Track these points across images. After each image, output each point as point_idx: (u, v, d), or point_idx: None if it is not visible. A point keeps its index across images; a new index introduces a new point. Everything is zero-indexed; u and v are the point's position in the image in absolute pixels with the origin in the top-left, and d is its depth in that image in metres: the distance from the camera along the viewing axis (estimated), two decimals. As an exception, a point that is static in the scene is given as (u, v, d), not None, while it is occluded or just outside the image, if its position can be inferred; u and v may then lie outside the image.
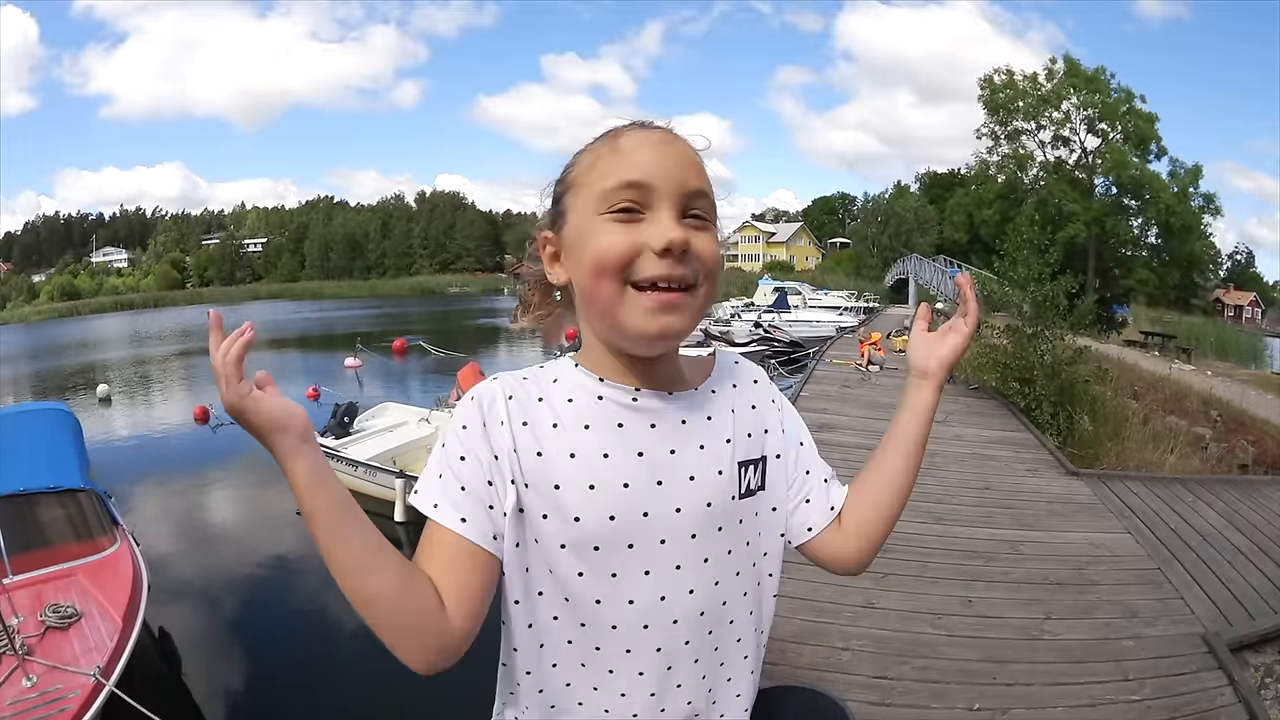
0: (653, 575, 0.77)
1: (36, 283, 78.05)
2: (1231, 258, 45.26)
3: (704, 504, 0.79)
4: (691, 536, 0.79)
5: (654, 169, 0.73)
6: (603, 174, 0.74)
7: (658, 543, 0.77)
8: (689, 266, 0.73)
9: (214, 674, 4.66)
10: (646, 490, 0.77)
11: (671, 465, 0.78)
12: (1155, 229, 30.76)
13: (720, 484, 0.81)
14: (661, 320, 0.73)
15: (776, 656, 3.01)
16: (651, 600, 0.78)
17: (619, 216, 0.73)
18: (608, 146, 0.76)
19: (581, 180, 0.77)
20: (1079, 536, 4.55)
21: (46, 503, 4.39)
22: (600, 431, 0.78)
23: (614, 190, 0.73)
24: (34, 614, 3.56)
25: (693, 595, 0.79)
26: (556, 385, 0.81)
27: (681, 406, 0.82)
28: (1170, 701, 2.74)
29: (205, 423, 11.55)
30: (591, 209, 0.74)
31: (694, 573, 0.79)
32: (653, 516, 0.77)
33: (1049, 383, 8.19)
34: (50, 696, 3.02)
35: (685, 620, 0.79)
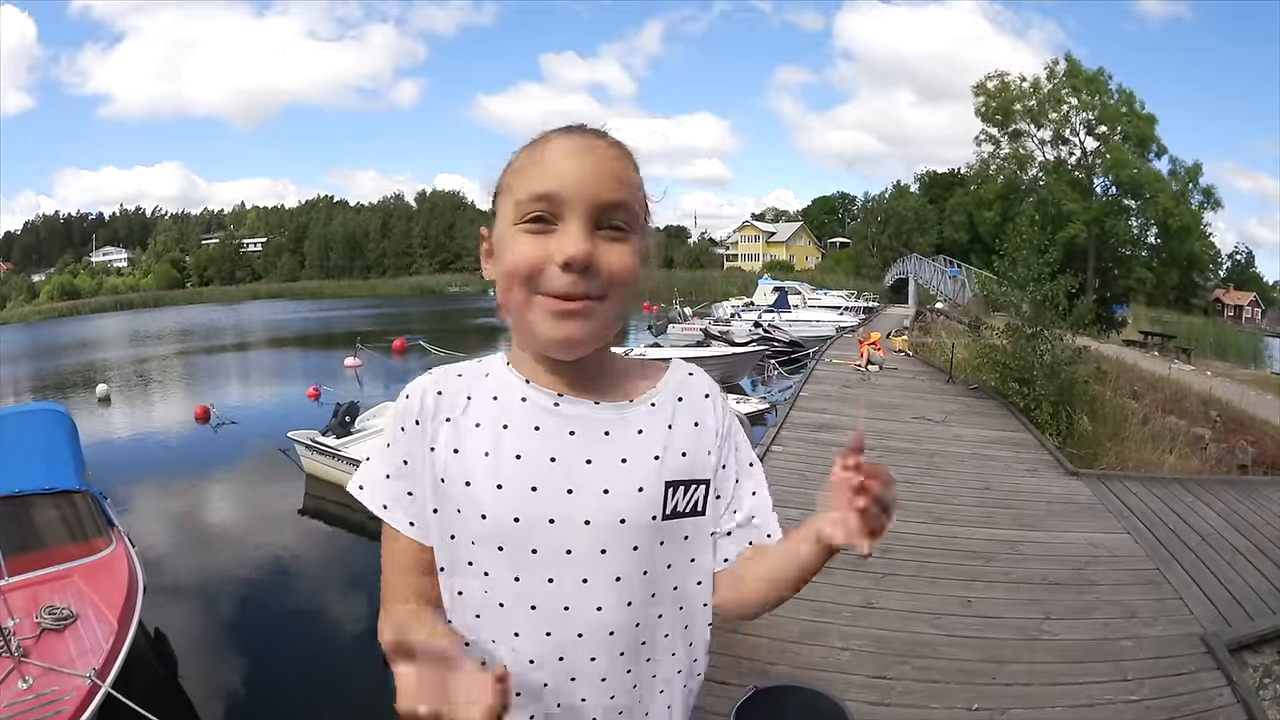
0: (556, 584, 0.76)
1: (36, 282, 77.99)
2: (1231, 258, 45.27)
3: (617, 520, 0.77)
4: (601, 551, 0.76)
5: (567, 181, 0.72)
6: (523, 182, 0.74)
7: (562, 552, 0.76)
8: (593, 281, 0.72)
9: (210, 675, 4.65)
10: (554, 496, 0.76)
11: (585, 475, 0.77)
12: (1155, 229, 30.77)
13: (639, 501, 0.78)
14: (566, 328, 0.73)
15: (776, 656, 3.01)
16: (554, 609, 0.76)
17: (530, 228, 0.73)
18: (534, 152, 0.76)
19: (509, 184, 0.77)
20: (1078, 537, 4.55)
21: (42, 504, 4.37)
22: (517, 432, 0.78)
23: (527, 202, 0.73)
24: (30, 616, 3.54)
25: (601, 613, 0.77)
26: (487, 380, 0.82)
27: (609, 417, 0.80)
28: (1169, 702, 2.74)
29: (206, 422, 11.52)
30: (510, 216, 0.75)
31: (603, 590, 0.77)
32: (559, 524, 0.75)
33: (1048, 383, 8.18)
34: (46, 699, 3.01)
35: (591, 636, 0.77)
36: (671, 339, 18.69)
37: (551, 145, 0.75)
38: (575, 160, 0.74)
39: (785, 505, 3.43)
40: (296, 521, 7.38)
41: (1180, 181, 29.77)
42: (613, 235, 0.74)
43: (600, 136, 0.77)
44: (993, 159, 33.69)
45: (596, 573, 0.77)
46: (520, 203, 0.73)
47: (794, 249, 62.92)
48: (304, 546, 6.81)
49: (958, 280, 23.51)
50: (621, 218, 0.75)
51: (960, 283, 22.97)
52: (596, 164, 0.75)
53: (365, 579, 5.52)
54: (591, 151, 0.75)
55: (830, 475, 0.70)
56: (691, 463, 0.82)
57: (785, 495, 5.77)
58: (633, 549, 0.77)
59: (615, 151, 0.77)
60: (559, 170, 0.73)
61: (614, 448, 0.78)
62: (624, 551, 0.77)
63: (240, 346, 26.69)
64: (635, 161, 0.80)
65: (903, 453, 6.47)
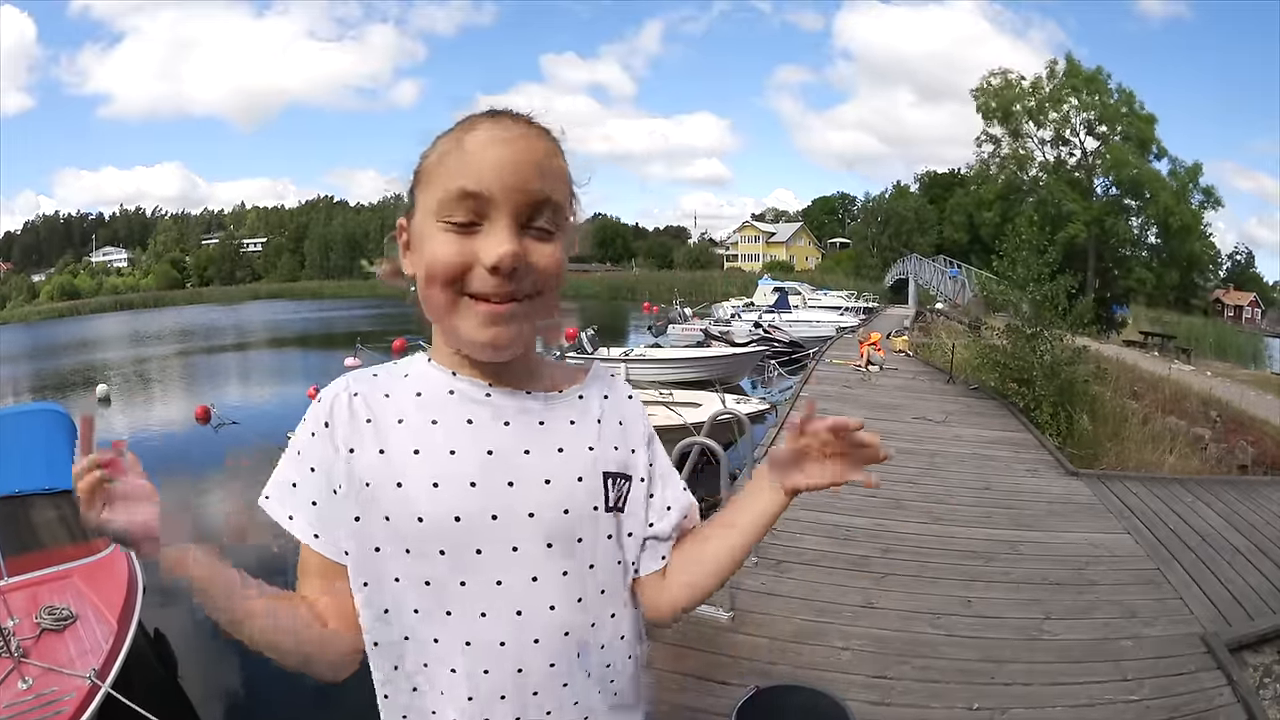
0: (505, 586, 0.72)
1: (36, 282, 78.07)
2: (1231, 258, 45.27)
3: (560, 510, 0.74)
4: (548, 545, 0.73)
5: (493, 178, 0.68)
6: (445, 175, 0.70)
7: (509, 550, 0.72)
8: (523, 281, 0.69)
9: (210, 676, 4.64)
10: (496, 491, 0.72)
11: (525, 466, 0.73)
12: (1155, 229, 30.78)
13: (580, 491, 0.76)
14: (492, 332, 0.70)
15: (776, 656, 3.01)
16: (507, 614, 0.72)
17: (453, 227, 0.69)
18: (456, 140, 0.71)
19: (429, 175, 0.72)
20: (1078, 537, 4.55)
21: (41, 504, 4.37)
22: (448, 427, 0.74)
23: (451, 199, 0.69)
24: (29, 616, 3.54)
25: (554, 612, 0.73)
26: (407, 380, 0.77)
27: (540, 406, 0.77)
28: (1169, 701, 2.74)
29: (207, 422, 11.53)
30: (431, 212, 0.70)
31: (553, 587, 0.73)
32: (502, 520, 0.72)
33: (1048, 383, 8.18)
34: (46, 699, 3.00)
35: (548, 640, 0.73)
36: (672, 339, 18.70)
37: (476, 135, 0.70)
38: (501, 153, 0.69)
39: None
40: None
41: (1180, 181, 29.79)
42: (540, 234, 0.71)
43: (528, 124, 0.73)
44: (993, 158, 33.70)
45: (545, 569, 0.73)
46: (443, 199, 0.69)
47: (794, 249, 63.01)
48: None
49: (958, 281, 23.52)
50: (549, 215, 0.71)
51: (960, 283, 22.98)
52: (524, 157, 0.70)
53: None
54: (519, 143, 0.71)
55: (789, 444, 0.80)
56: (622, 457, 0.81)
57: (785, 495, 5.70)
58: (577, 541, 0.75)
59: (543, 142, 0.73)
60: (485, 165, 0.68)
61: (550, 437, 0.76)
62: (569, 544, 0.74)
63: (240, 347, 26.68)
64: (562, 148, 0.76)
65: (903, 453, 6.47)
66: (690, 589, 0.85)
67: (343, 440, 0.73)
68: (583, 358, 13.14)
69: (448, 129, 0.74)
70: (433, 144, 0.74)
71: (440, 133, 0.75)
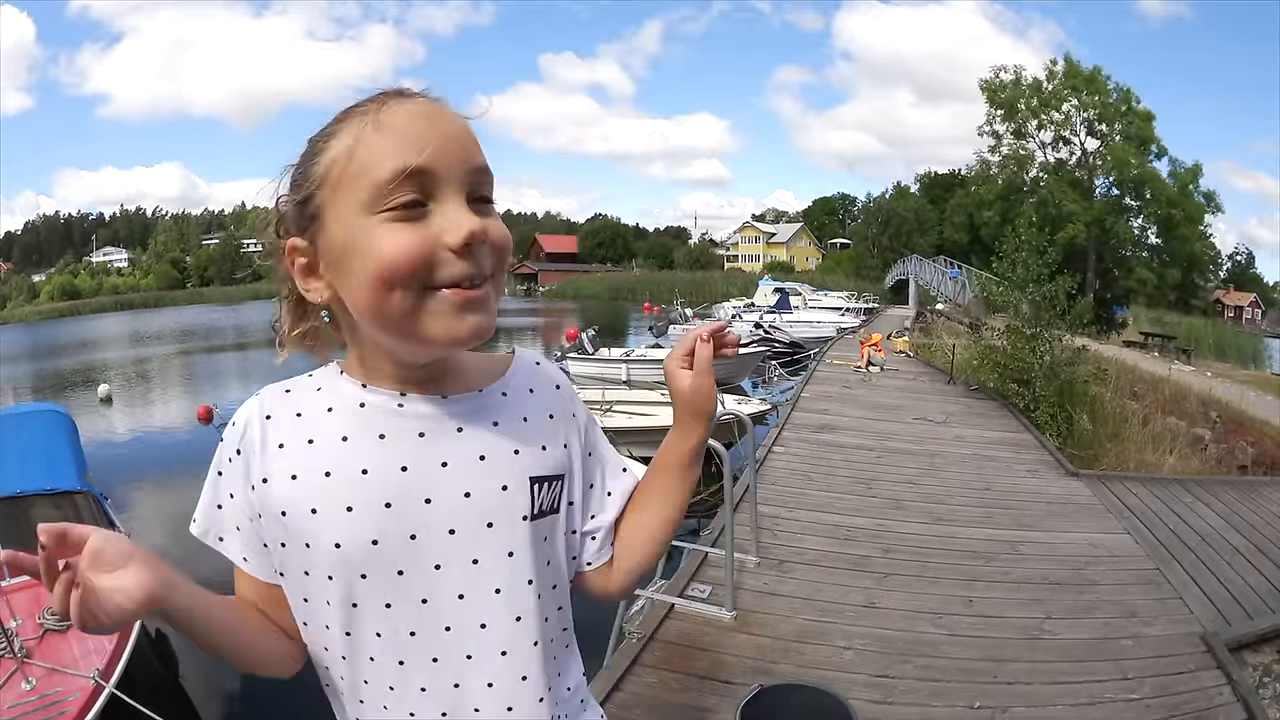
0: (432, 604, 0.68)
1: (37, 282, 78.09)
2: (1231, 258, 45.33)
3: (484, 524, 0.69)
4: (473, 562, 0.69)
5: (434, 150, 0.61)
6: (368, 162, 0.61)
7: (431, 568, 0.67)
8: (485, 260, 0.63)
9: (211, 676, 4.64)
10: (412, 509, 0.67)
11: (442, 480, 0.68)
12: (1155, 229, 30.78)
13: (504, 501, 0.70)
14: (472, 320, 0.63)
15: (779, 655, 3.02)
16: (436, 631, 0.68)
17: (400, 214, 0.60)
18: (366, 125, 0.62)
19: (339, 173, 0.62)
20: (1078, 537, 4.56)
21: (43, 505, 4.38)
22: (359, 445, 0.68)
23: (389, 183, 0.60)
24: (32, 617, 3.55)
25: (486, 630, 0.70)
26: (319, 395, 0.71)
27: (459, 411, 0.71)
28: (1169, 700, 2.74)
29: (209, 422, 11.53)
30: (360, 208, 0.61)
31: (483, 604, 0.69)
32: (421, 540, 0.67)
33: (1048, 384, 8.20)
34: (50, 699, 3.02)
35: (482, 657, 0.70)
36: (672, 340, 18.69)
37: (395, 111, 0.62)
38: (435, 124, 0.63)
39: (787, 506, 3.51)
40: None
41: (1181, 181, 29.79)
42: (484, 206, 0.65)
43: (435, 99, 0.66)
44: (994, 153, 33.67)
45: (472, 586, 0.69)
46: (381, 185, 0.60)
47: (794, 250, 63.03)
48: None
49: (958, 281, 23.53)
50: (489, 184, 0.66)
51: (960, 284, 22.99)
52: (458, 126, 0.65)
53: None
54: (446, 113, 0.65)
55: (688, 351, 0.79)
56: (553, 457, 0.75)
57: (788, 496, 5.72)
58: (508, 555, 0.70)
59: (458, 114, 0.66)
60: (422, 139, 0.61)
61: (469, 445, 0.70)
62: (499, 559, 0.70)
63: (241, 347, 26.69)
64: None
65: (904, 453, 6.49)
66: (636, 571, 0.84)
67: (256, 471, 0.69)
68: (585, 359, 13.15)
69: (327, 128, 0.66)
70: (319, 145, 0.65)
71: (315, 135, 0.67)
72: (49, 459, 4.80)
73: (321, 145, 0.65)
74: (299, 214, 0.67)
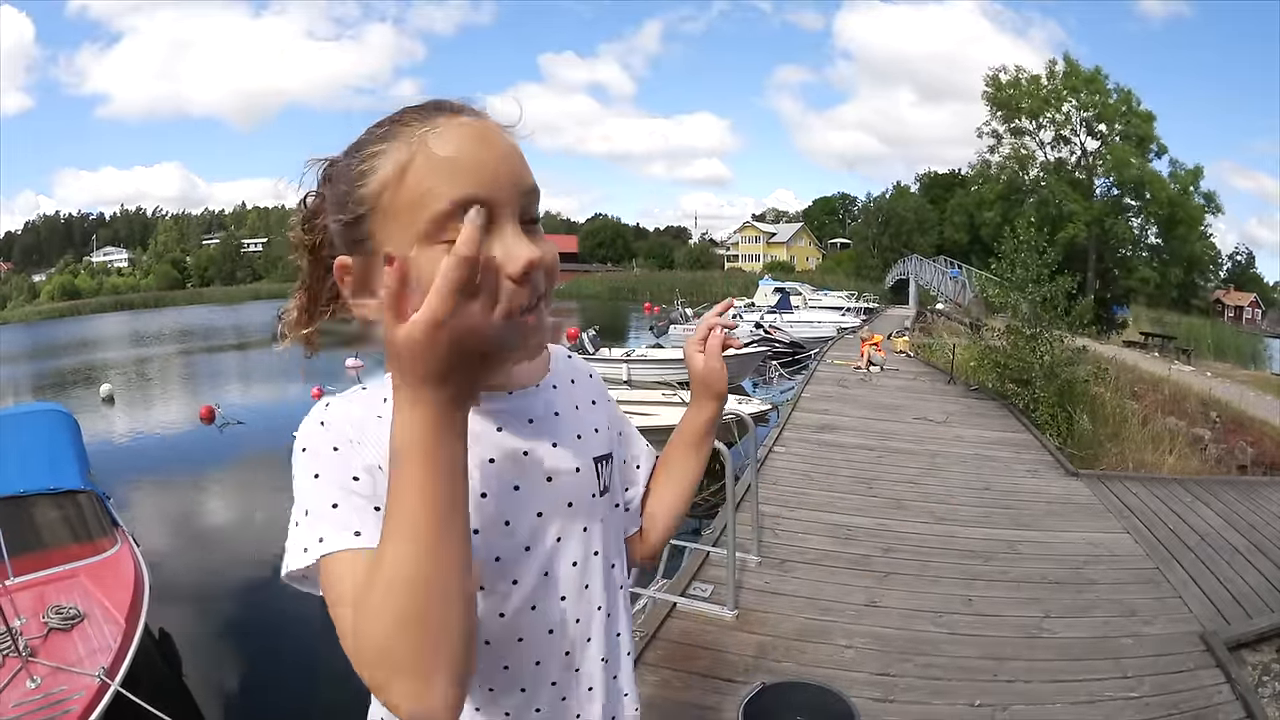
0: (520, 584, 0.71)
1: (37, 282, 78.09)
2: (1232, 258, 45.34)
3: (565, 504, 0.74)
4: (557, 540, 0.74)
5: (489, 177, 0.60)
6: (423, 191, 0.59)
7: (522, 550, 0.72)
8: (543, 280, 0.63)
9: (215, 675, 4.67)
10: (504, 497, 0.71)
11: (526, 468, 0.73)
12: (1155, 229, 30.76)
13: (579, 482, 0.76)
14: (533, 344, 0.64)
15: (781, 654, 3.04)
16: (522, 609, 0.72)
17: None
18: (417, 149, 0.61)
19: (391, 199, 0.61)
20: (1078, 536, 4.58)
21: (46, 504, 4.39)
22: None
23: (448, 214, 0.58)
24: (36, 615, 3.56)
25: (565, 603, 0.74)
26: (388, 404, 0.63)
27: (524, 405, 0.75)
28: (1168, 699, 2.76)
29: (211, 422, 11.56)
30: (417, 237, 0.59)
31: (563, 580, 0.74)
32: (514, 525, 0.71)
33: (1048, 384, 8.21)
34: (55, 698, 3.03)
35: (560, 631, 0.74)
36: (673, 339, 18.71)
37: (445, 134, 0.61)
38: (488, 147, 0.62)
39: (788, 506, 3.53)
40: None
41: (1182, 183, 29.78)
42: (533, 227, 0.64)
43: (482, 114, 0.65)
44: (994, 153, 33.64)
45: (557, 564, 0.74)
46: (439, 217, 0.58)
47: (794, 250, 63.02)
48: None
49: (958, 281, 23.55)
50: (537, 204, 0.66)
51: (961, 284, 23.01)
52: (508, 147, 0.64)
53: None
54: (496, 134, 0.64)
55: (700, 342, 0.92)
56: (604, 438, 0.82)
57: (789, 496, 5.72)
58: (582, 531, 0.76)
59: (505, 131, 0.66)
60: (476, 164, 0.60)
61: (541, 433, 0.75)
62: (576, 536, 0.76)
63: (242, 347, 26.71)
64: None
65: (904, 453, 6.50)
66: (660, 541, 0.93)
67: (367, 456, 0.66)
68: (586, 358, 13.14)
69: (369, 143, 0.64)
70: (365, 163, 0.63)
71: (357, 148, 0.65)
72: (52, 458, 4.80)
73: (367, 164, 0.63)
74: (347, 234, 0.66)
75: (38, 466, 4.64)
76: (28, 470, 4.55)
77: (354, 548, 0.60)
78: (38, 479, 4.50)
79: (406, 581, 0.52)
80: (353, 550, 0.60)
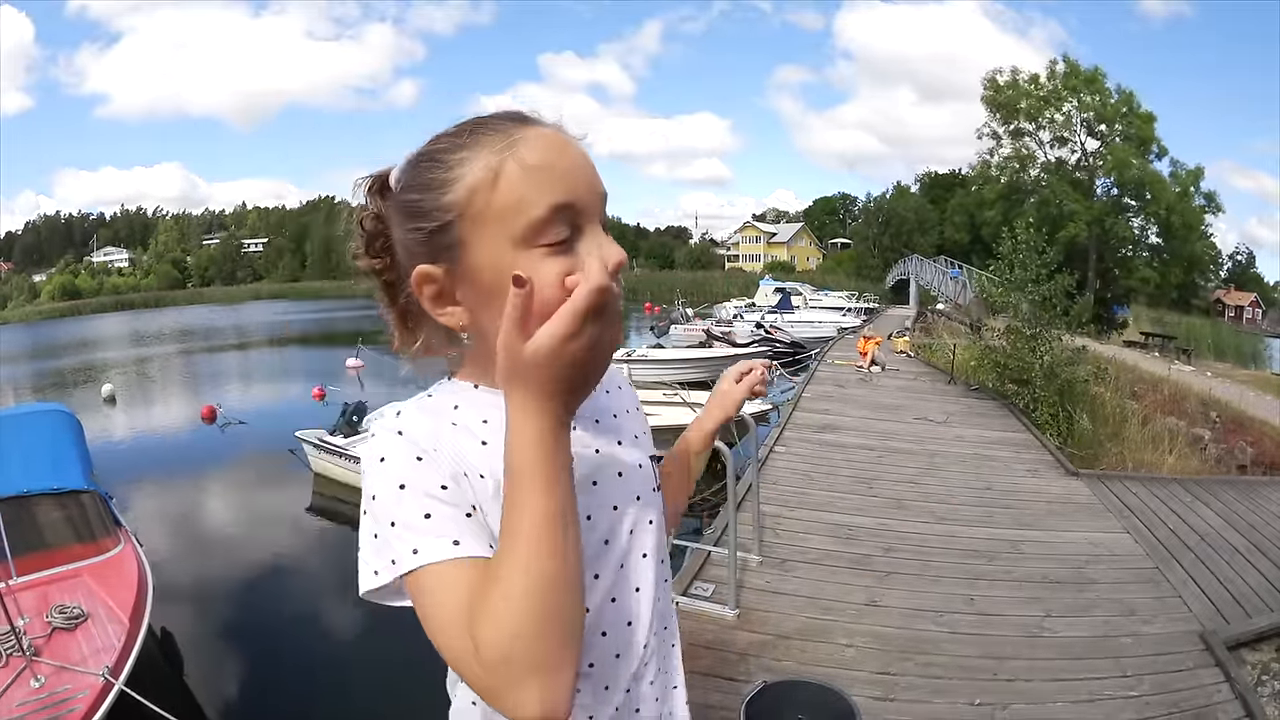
0: (602, 579, 0.74)
1: (37, 282, 78.11)
2: (1232, 258, 45.34)
3: (634, 497, 0.78)
4: (630, 533, 0.77)
5: (575, 183, 0.64)
6: (519, 196, 0.62)
7: (602, 544, 0.74)
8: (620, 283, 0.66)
9: (216, 674, 4.68)
10: (586, 493, 0.72)
11: (601, 464, 0.77)
12: (1156, 229, 30.75)
13: (643, 477, 0.81)
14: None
15: (781, 653, 3.05)
16: (604, 607, 0.74)
17: (552, 250, 0.62)
18: (507, 159, 0.63)
19: (484, 204, 0.63)
20: (1078, 536, 4.59)
21: (49, 504, 4.40)
22: None
23: (545, 220, 0.61)
24: (40, 615, 3.57)
25: (640, 593, 0.78)
26: (464, 410, 0.71)
27: (590, 406, 0.78)
28: (1168, 698, 2.77)
29: (212, 422, 11.58)
30: (514, 241, 0.62)
31: (638, 571, 0.78)
32: (595, 519, 0.74)
33: (1048, 384, 8.22)
34: (59, 697, 3.04)
35: (639, 620, 0.77)
36: (674, 339, 18.72)
37: (532, 143, 0.64)
38: (570, 155, 0.66)
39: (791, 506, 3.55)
40: (304, 520, 7.43)
41: (1182, 184, 29.78)
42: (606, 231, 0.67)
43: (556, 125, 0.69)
44: (994, 154, 33.63)
45: (630, 556, 0.77)
46: (537, 222, 0.61)
47: (795, 250, 63.03)
48: (312, 545, 6.85)
49: (958, 281, 23.56)
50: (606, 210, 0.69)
51: (961, 284, 23.02)
52: (582, 156, 0.67)
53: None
54: (572, 143, 0.67)
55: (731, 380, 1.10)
56: (648, 440, 0.87)
57: (790, 496, 5.72)
58: (649, 522, 0.80)
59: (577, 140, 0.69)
60: (568, 174, 0.64)
61: (608, 433, 0.80)
62: (646, 528, 0.79)
63: (243, 347, 26.74)
64: None
65: (905, 453, 6.51)
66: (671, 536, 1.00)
67: (451, 463, 0.65)
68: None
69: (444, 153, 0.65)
70: (445, 173, 0.65)
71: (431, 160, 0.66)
72: (55, 458, 4.81)
73: (451, 171, 0.64)
74: (430, 242, 0.66)
75: (41, 466, 4.65)
76: (31, 470, 4.56)
77: (457, 557, 0.60)
78: (41, 479, 4.51)
79: (544, 582, 0.54)
80: (456, 560, 0.60)
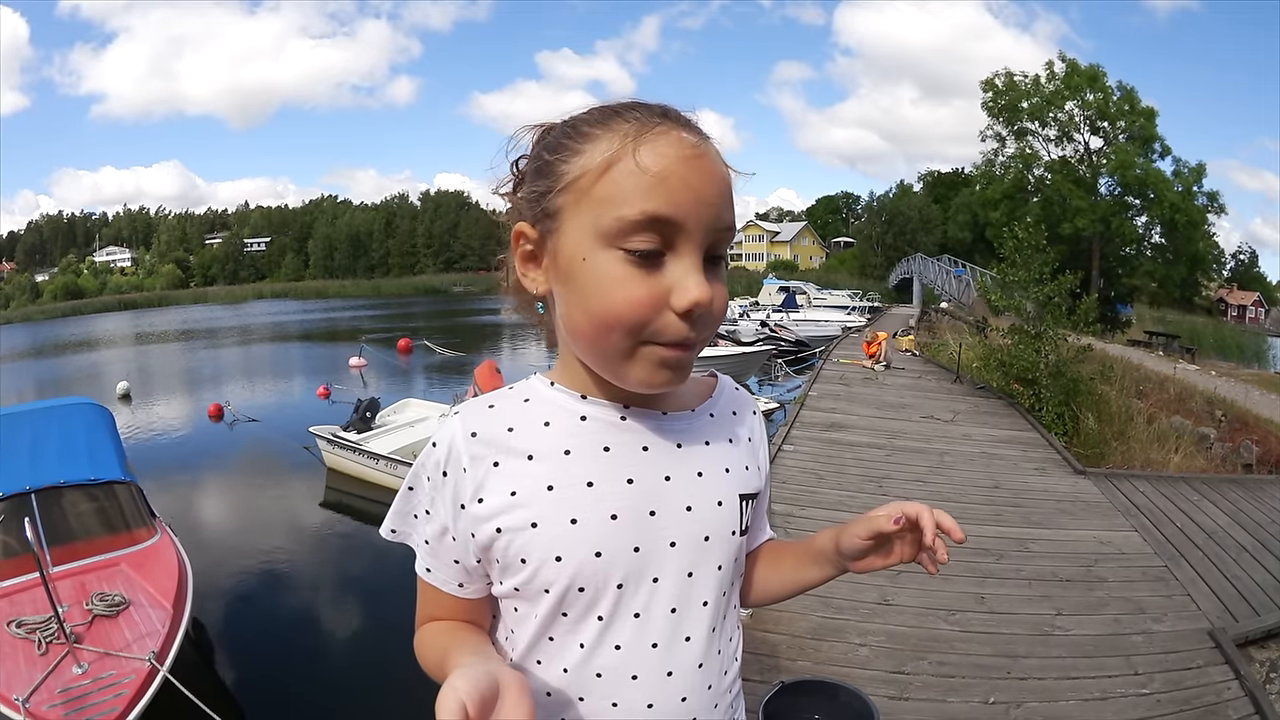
0: (644, 618, 0.68)
1: (40, 282, 78.24)
2: (1235, 257, 45.31)
3: (701, 538, 0.70)
4: (688, 575, 0.70)
5: (686, 201, 0.59)
6: (619, 192, 0.59)
7: (649, 581, 0.68)
8: (702, 325, 0.62)
9: (245, 665, 4.72)
10: (637, 522, 0.67)
11: (666, 493, 0.69)
12: (1160, 227, 30.71)
13: (720, 516, 0.72)
14: (666, 375, 0.64)
15: (796, 653, 3.10)
16: (643, 648, 0.68)
17: (637, 261, 0.60)
18: (628, 149, 0.60)
19: (587, 187, 0.61)
20: (1087, 534, 4.63)
21: (86, 495, 4.44)
22: (583, 457, 0.68)
23: (635, 224, 0.59)
24: (79, 603, 3.60)
25: (689, 644, 0.70)
26: (528, 407, 0.71)
27: (677, 428, 0.72)
28: (1178, 695, 2.82)
29: (220, 420, 11.65)
30: (599, 235, 0.60)
31: (692, 618, 0.70)
32: (644, 552, 0.68)
33: (1053, 383, 8.25)
34: (105, 682, 3.07)
35: (681, 674, 0.70)
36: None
37: (658, 145, 0.60)
38: (695, 171, 0.61)
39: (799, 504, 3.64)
40: (318, 514, 7.49)
41: (1184, 183, 29.74)
42: (716, 267, 0.64)
43: (705, 136, 0.64)
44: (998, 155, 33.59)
45: (684, 600, 0.70)
46: (626, 223, 0.59)
47: (798, 248, 63.01)
48: (326, 538, 6.92)
49: (962, 280, 23.56)
50: (729, 242, 0.64)
51: (965, 282, 23.02)
52: (715, 176, 0.62)
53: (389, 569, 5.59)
54: (708, 162, 0.62)
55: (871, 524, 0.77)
56: (753, 477, 0.78)
57: (799, 495, 5.76)
58: (717, 569, 0.72)
59: (722, 159, 0.64)
60: (677, 184, 0.59)
61: (689, 461, 0.72)
62: (709, 573, 0.71)
63: (246, 344, 26.80)
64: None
65: (913, 452, 6.55)
66: (758, 604, 0.89)
67: (467, 491, 0.68)
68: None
69: (583, 124, 0.64)
70: (573, 143, 0.63)
71: (570, 125, 0.65)
72: (91, 450, 4.83)
73: (576, 144, 0.63)
74: (535, 202, 0.65)
75: (77, 458, 4.68)
76: (67, 461, 4.60)
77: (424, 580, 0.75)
78: (78, 470, 4.53)
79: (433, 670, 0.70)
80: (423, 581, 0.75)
